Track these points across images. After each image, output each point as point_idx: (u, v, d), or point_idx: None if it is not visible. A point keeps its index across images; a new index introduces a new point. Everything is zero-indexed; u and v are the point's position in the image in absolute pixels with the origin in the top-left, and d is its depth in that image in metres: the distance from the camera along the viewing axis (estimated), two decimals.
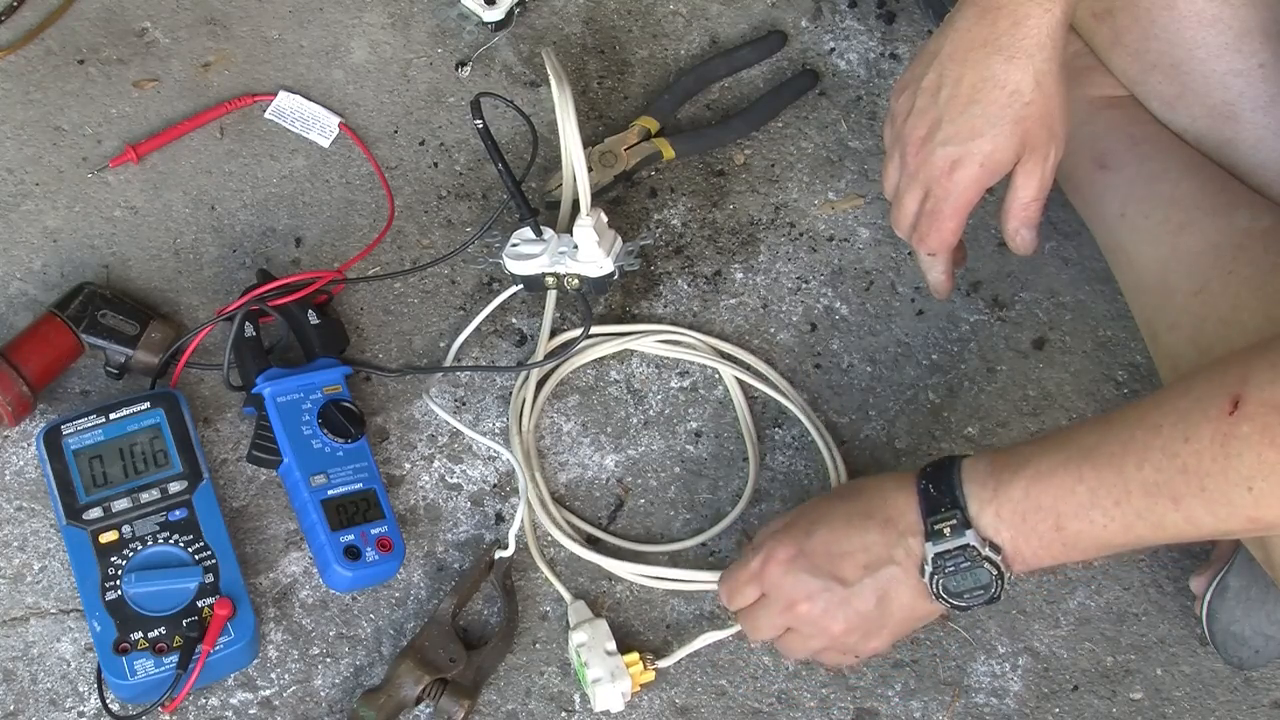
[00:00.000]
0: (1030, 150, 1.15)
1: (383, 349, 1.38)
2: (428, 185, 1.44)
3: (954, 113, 1.14)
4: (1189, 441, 0.97)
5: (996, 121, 1.13)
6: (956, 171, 1.15)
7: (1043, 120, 1.14)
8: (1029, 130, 1.14)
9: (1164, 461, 0.98)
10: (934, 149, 1.16)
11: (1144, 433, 1.00)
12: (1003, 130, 1.13)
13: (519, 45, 1.51)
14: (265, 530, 1.30)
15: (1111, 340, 1.41)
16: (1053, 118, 1.14)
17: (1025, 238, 1.20)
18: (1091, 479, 1.02)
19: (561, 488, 1.34)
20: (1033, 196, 1.18)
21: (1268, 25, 1.21)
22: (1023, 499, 1.05)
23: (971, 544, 1.07)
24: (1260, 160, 1.22)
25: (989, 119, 1.13)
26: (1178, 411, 0.98)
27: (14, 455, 1.31)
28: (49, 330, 1.31)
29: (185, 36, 1.49)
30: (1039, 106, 1.13)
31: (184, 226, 1.41)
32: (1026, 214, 1.19)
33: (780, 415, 1.37)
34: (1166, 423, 0.99)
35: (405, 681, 1.21)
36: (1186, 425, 0.97)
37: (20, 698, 1.23)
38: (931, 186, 1.17)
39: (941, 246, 1.21)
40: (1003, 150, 1.14)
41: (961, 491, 1.07)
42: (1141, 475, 0.99)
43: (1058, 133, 1.15)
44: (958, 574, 1.08)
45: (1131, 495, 1.00)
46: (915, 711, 1.27)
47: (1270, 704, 1.29)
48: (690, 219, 1.45)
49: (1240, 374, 0.96)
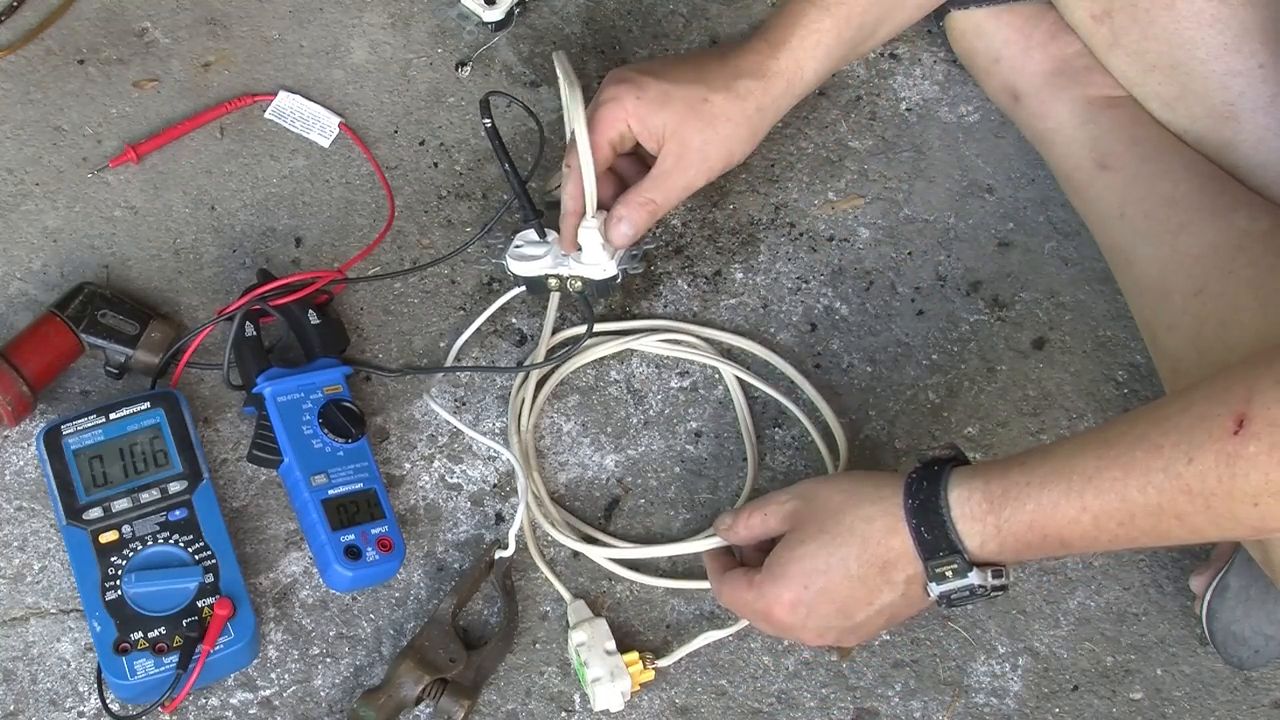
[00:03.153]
0: (679, 142, 1.26)
1: (383, 349, 1.38)
2: (428, 185, 1.45)
3: (669, 63, 1.32)
4: (1192, 463, 0.96)
5: (680, 83, 1.27)
6: (620, 85, 1.27)
7: (712, 122, 1.26)
8: (691, 121, 1.26)
9: (1167, 484, 0.97)
10: (625, 72, 1.29)
11: (1144, 454, 0.99)
12: (677, 93, 1.26)
13: (519, 45, 1.51)
14: (265, 530, 1.30)
15: (1111, 340, 1.41)
16: (724, 131, 1.26)
17: (622, 232, 1.28)
18: (1095, 507, 1.01)
19: (561, 488, 1.34)
20: (652, 195, 1.27)
21: (1267, 25, 1.21)
22: (1026, 531, 1.04)
23: (975, 584, 1.07)
24: (1260, 161, 1.22)
25: (680, 78, 1.27)
26: (1179, 430, 0.97)
27: (14, 455, 1.31)
28: (49, 330, 1.31)
29: (185, 36, 1.49)
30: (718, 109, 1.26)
31: (184, 226, 1.41)
32: (638, 212, 1.28)
33: (780, 415, 1.37)
34: (1168, 443, 0.97)
35: (405, 681, 1.21)
36: (1190, 445, 0.96)
37: (20, 698, 1.23)
38: (598, 94, 1.29)
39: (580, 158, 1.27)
40: (661, 108, 1.26)
41: (957, 534, 1.06)
42: (1145, 499, 0.99)
43: (714, 150, 1.27)
44: (964, 600, 1.09)
45: (1136, 518, 1.00)
46: (915, 711, 1.27)
47: (1270, 704, 1.29)
48: (690, 219, 1.45)
49: (1244, 391, 0.94)
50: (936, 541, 1.07)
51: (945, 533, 1.06)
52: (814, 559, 1.11)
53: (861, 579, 1.10)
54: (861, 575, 1.10)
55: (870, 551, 1.09)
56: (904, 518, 1.08)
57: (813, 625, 1.12)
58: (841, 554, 1.10)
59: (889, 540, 1.09)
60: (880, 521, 1.10)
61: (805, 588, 1.11)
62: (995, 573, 1.07)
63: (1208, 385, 0.98)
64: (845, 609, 1.11)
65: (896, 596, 1.10)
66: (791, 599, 1.12)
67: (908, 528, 1.08)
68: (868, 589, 1.10)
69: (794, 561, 1.12)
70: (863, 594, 1.10)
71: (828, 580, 1.11)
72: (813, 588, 1.11)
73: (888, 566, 1.09)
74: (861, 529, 1.10)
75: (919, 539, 1.07)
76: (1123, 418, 1.03)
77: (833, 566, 1.11)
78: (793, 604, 1.12)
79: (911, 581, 1.09)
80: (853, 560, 1.10)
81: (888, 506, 1.10)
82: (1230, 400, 0.95)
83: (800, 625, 1.13)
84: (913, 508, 1.08)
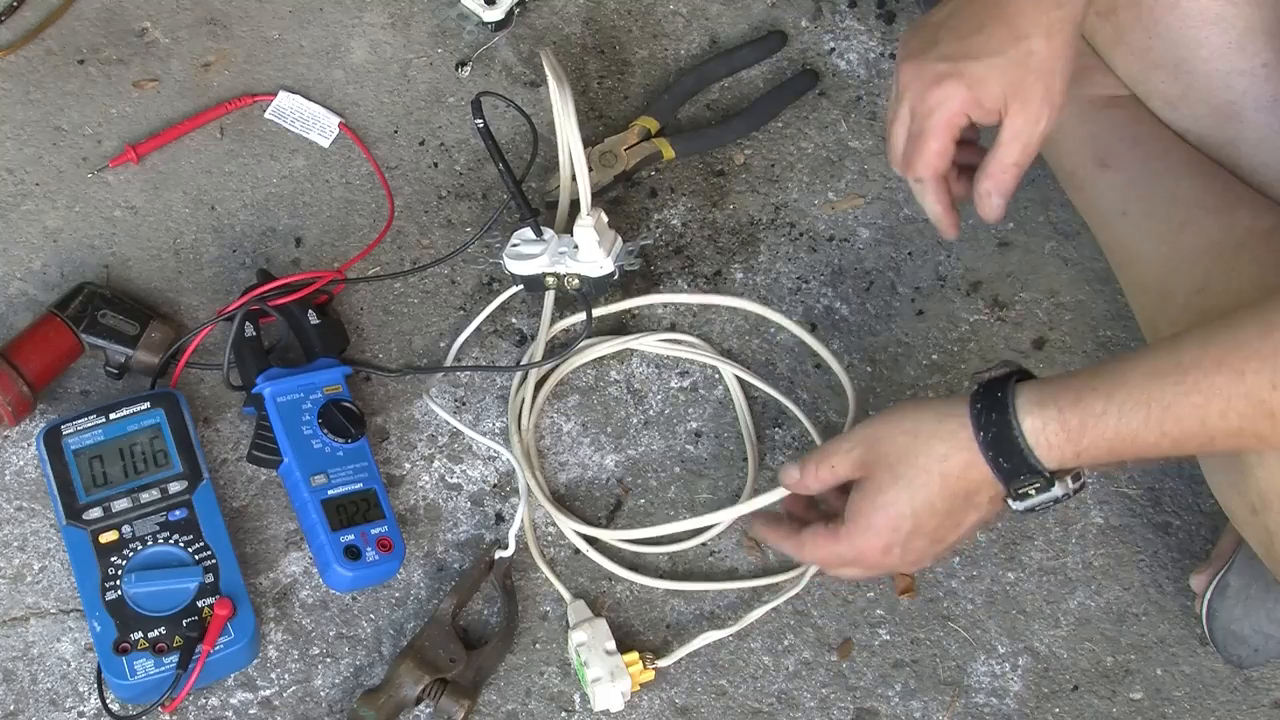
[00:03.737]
0: (1022, 102, 1.11)
1: (383, 349, 1.38)
2: (428, 185, 1.44)
3: (955, 36, 1.11)
4: (1277, 388, 0.96)
5: (995, 52, 1.10)
6: (942, 85, 1.11)
7: (1042, 74, 1.10)
8: (1025, 78, 1.10)
9: (1249, 409, 0.98)
10: (924, 64, 1.12)
11: (1225, 380, 0.99)
12: (999, 62, 1.10)
13: (519, 45, 1.51)
14: (265, 530, 1.30)
15: (1111, 340, 1.41)
16: (1053, 77, 1.11)
17: (994, 204, 1.15)
18: (1175, 432, 1.01)
19: (561, 488, 1.34)
20: (1014, 159, 1.13)
21: (1271, 24, 1.21)
22: (1106, 455, 1.04)
23: (1059, 495, 1.07)
24: (1263, 160, 1.22)
25: (988, 48, 1.10)
26: (1260, 356, 0.97)
27: (14, 455, 1.30)
28: (49, 330, 1.31)
29: (185, 36, 1.49)
30: (1042, 58, 1.10)
31: (184, 226, 1.41)
32: (1004, 177, 1.14)
33: (780, 415, 1.37)
34: (1249, 369, 0.98)
35: (405, 681, 1.21)
36: (1273, 371, 0.97)
37: (20, 698, 1.23)
38: (916, 105, 1.13)
39: (927, 170, 1.15)
40: (994, 82, 1.10)
41: (1037, 460, 1.05)
42: (1226, 424, 0.99)
43: (1054, 97, 1.11)
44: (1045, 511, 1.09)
45: (1215, 440, 1.01)
46: (915, 711, 1.27)
47: (1270, 704, 1.29)
48: (690, 219, 1.45)
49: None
50: (1016, 468, 1.06)
51: (1024, 459, 1.06)
52: (897, 505, 1.10)
53: (949, 512, 1.10)
54: (948, 509, 1.10)
55: (951, 488, 1.09)
56: (980, 451, 1.07)
57: (910, 559, 1.13)
58: (925, 495, 1.10)
59: (968, 475, 1.08)
60: (956, 459, 1.08)
61: (895, 531, 1.11)
62: (1075, 476, 1.07)
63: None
64: (937, 537, 1.11)
65: (983, 514, 1.11)
66: (883, 545, 1.12)
67: (986, 461, 1.07)
68: (955, 518, 1.10)
69: (878, 511, 1.11)
70: (950, 523, 1.11)
71: (915, 522, 1.10)
72: (902, 530, 1.11)
73: (970, 494, 1.09)
74: (938, 468, 1.09)
75: (998, 469, 1.07)
76: (1190, 338, 1.02)
77: (919, 510, 1.10)
78: (885, 548, 1.12)
79: (995, 500, 1.10)
80: (937, 499, 1.10)
81: (960, 442, 1.08)
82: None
83: (897, 562, 1.13)
84: (987, 441, 1.07)
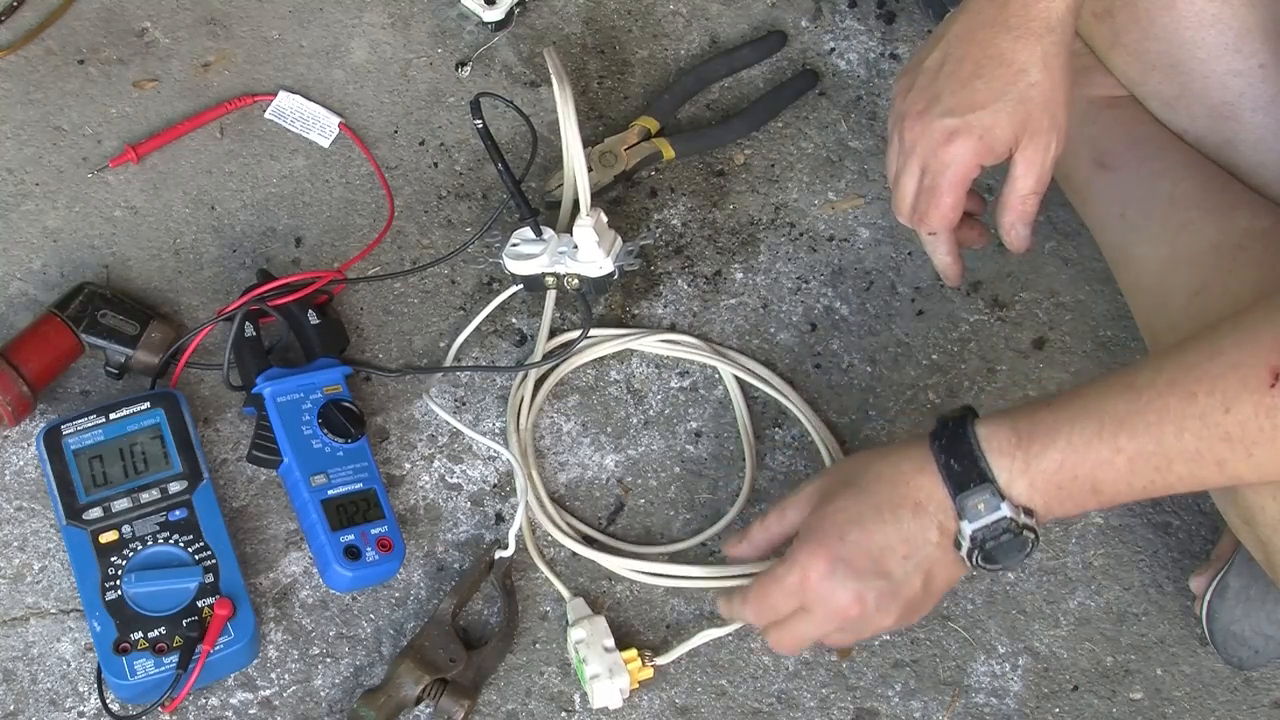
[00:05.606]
0: (1031, 135, 1.12)
1: (383, 349, 1.38)
2: (428, 185, 1.45)
3: (955, 86, 1.12)
4: (1230, 412, 0.95)
5: (999, 96, 1.10)
6: (953, 143, 1.12)
7: (1045, 104, 1.11)
8: (1031, 112, 1.11)
9: (1205, 431, 0.97)
10: (932, 121, 1.12)
11: (1178, 400, 0.97)
12: (1005, 106, 1.10)
13: (519, 45, 1.51)
14: (265, 530, 1.30)
15: (1111, 340, 1.41)
16: (1056, 104, 1.12)
17: (1020, 234, 1.17)
18: (1130, 449, 1.00)
19: (561, 488, 1.34)
20: (1031, 189, 1.14)
21: (1268, 25, 1.21)
22: (1057, 470, 1.02)
23: (1008, 515, 1.04)
24: (1260, 160, 1.22)
25: (991, 92, 1.10)
26: (1211, 379, 0.96)
27: (14, 455, 1.31)
28: (49, 330, 1.31)
29: (185, 36, 1.49)
30: (1043, 89, 1.10)
31: (184, 226, 1.41)
32: (1024, 208, 1.15)
33: (780, 415, 1.37)
34: (1201, 390, 0.97)
35: (405, 681, 1.22)
36: (1225, 395, 0.95)
37: (20, 698, 1.23)
38: (928, 160, 1.14)
39: (941, 224, 1.17)
40: (1002, 126, 1.11)
41: (986, 464, 1.04)
42: (1182, 444, 0.98)
43: (1060, 122, 1.12)
44: (998, 546, 1.05)
45: (1173, 463, 0.99)
46: (915, 711, 1.27)
47: (1270, 704, 1.29)
48: (690, 219, 1.45)
49: (1273, 343, 0.94)
50: (966, 473, 1.05)
51: (974, 462, 1.04)
52: (845, 510, 1.09)
53: (895, 522, 1.07)
54: (895, 518, 1.07)
55: (899, 492, 1.07)
56: (931, 455, 1.07)
57: (852, 586, 1.08)
58: (872, 499, 1.08)
59: (918, 479, 1.07)
60: (907, 463, 1.08)
61: (840, 539, 1.08)
62: (1027, 511, 1.05)
63: (1233, 330, 0.97)
64: (882, 562, 1.07)
65: (931, 549, 1.07)
66: (827, 555, 1.08)
67: (936, 464, 1.06)
68: (902, 535, 1.07)
69: (825, 518, 1.10)
70: (898, 541, 1.07)
71: (862, 529, 1.08)
72: (848, 538, 1.08)
73: (919, 508, 1.07)
74: (889, 472, 1.09)
75: (948, 472, 1.05)
76: (1144, 363, 1.02)
77: (865, 513, 1.08)
78: (829, 562, 1.08)
79: (944, 532, 1.07)
80: (884, 502, 1.08)
81: (915, 452, 1.08)
82: (1260, 351, 0.94)
83: (840, 589, 1.08)
84: (940, 446, 1.06)
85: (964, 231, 1.20)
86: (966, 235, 1.21)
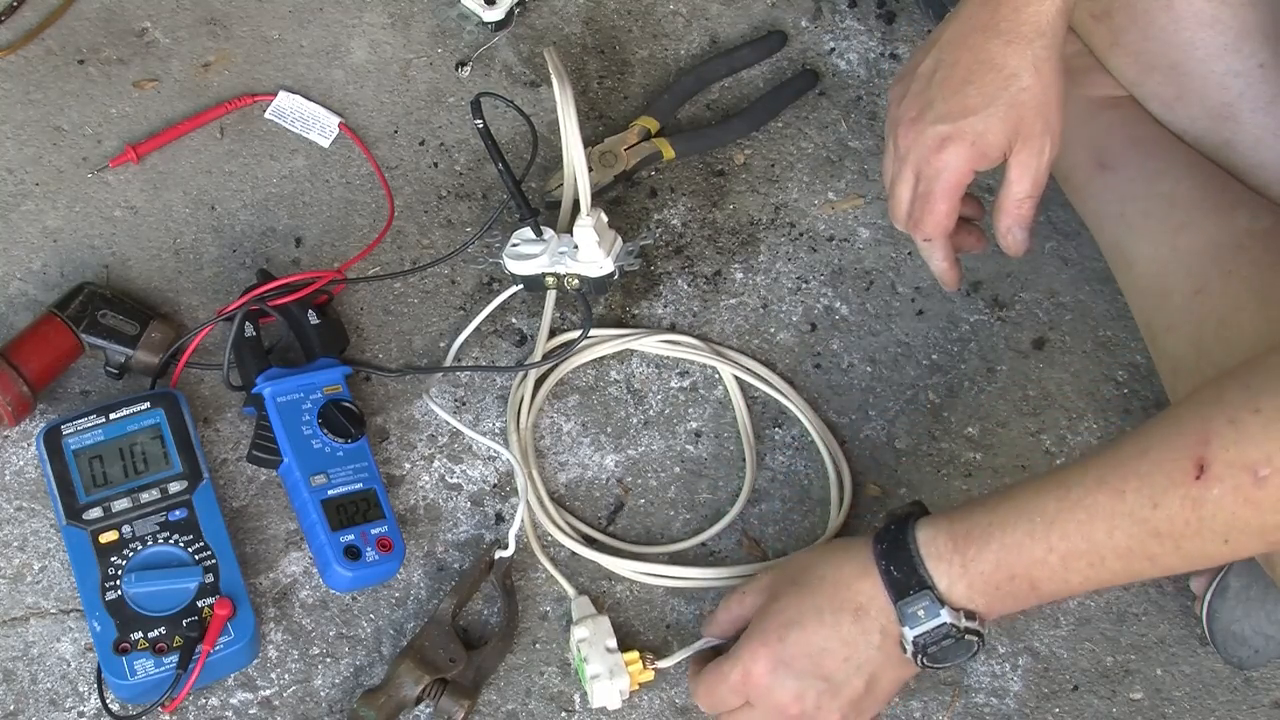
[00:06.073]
0: (1024, 140, 1.12)
1: (383, 349, 1.38)
2: (428, 185, 1.45)
3: (947, 92, 1.12)
4: (1158, 508, 0.96)
5: (991, 101, 1.10)
6: (946, 149, 1.12)
7: (1039, 108, 1.11)
8: (1024, 117, 1.11)
9: (1134, 528, 0.97)
10: (924, 128, 1.13)
11: (1107, 498, 0.98)
12: (996, 111, 1.10)
13: (519, 45, 1.51)
14: (265, 530, 1.30)
15: (1111, 340, 1.41)
16: (1049, 107, 1.12)
17: (1017, 237, 1.17)
18: (1062, 548, 1.01)
19: (561, 488, 1.34)
20: (1027, 193, 1.14)
21: (1267, 26, 1.21)
22: (994, 571, 1.04)
23: (948, 622, 1.06)
24: (1260, 160, 1.22)
25: (983, 98, 1.11)
26: (1139, 475, 0.97)
27: (14, 455, 1.31)
28: (49, 330, 1.31)
29: (185, 36, 1.49)
30: (1035, 93, 1.10)
31: (184, 226, 1.41)
32: (1020, 212, 1.15)
33: (780, 415, 1.37)
34: (1129, 488, 0.97)
35: (405, 681, 1.22)
36: (1152, 491, 0.96)
37: (20, 698, 1.23)
38: (922, 167, 1.14)
39: (936, 230, 1.17)
40: (995, 132, 1.11)
41: (925, 571, 1.06)
42: (1113, 542, 0.99)
43: (1053, 125, 1.12)
44: (940, 650, 1.07)
45: (1105, 560, 1.00)
46: (915, 711, 1.27)
47: (1270, 704, 1.29)
48: (690, 219, 1.45)
49: (1200, 434, 0.94)
50: (906, 579, 1.06)
51: (914, 568, 1.06)
52: (787, 611, 1.11)
53: (835, 625, 1.09)
54: (835, 621, 1.09)
55: (841, 595, 1.09)
56: (873, 559, 1.08)
57: (792, 686, 1.10)
58: (814, 601, 1.10)
59: (859, 583, 1.08)
60: (850, 566, 1.10)
61: (781, 640, 1.10)
62: (968, 614, 1.06)
63: (1161, 427, 0.98)
64: (821, 664, 1.09)
65: (874, 651, 1.08)
66: (769, 655, 1.10)
67: (877, 569, 1.08)
68: (842, 638, 1.09)
69: (769, 617, 1.12)
70: (837, 644, 1.09)
71: (802, 630, 1.09)
72: (788, 639, 1.10)
73: (860, 612, 1.08)
74: (832, 575, 1.10)
75: (889, 579, 1.07)
76: (1076, 462, 1.03)
77: (805, 614, 1.10)
78: (770, 661, 1.10)
79: (887, 635, 1.08)
80: (825, 605, 1.09)
81: (857, 553, 1.10)
82: (1186, 444, 0.95)
83: (779, 687, 1.10)
84: (881, 550, 1.08)
85: (961, 237, 1.21)
86: (964, 241, 1.22)
